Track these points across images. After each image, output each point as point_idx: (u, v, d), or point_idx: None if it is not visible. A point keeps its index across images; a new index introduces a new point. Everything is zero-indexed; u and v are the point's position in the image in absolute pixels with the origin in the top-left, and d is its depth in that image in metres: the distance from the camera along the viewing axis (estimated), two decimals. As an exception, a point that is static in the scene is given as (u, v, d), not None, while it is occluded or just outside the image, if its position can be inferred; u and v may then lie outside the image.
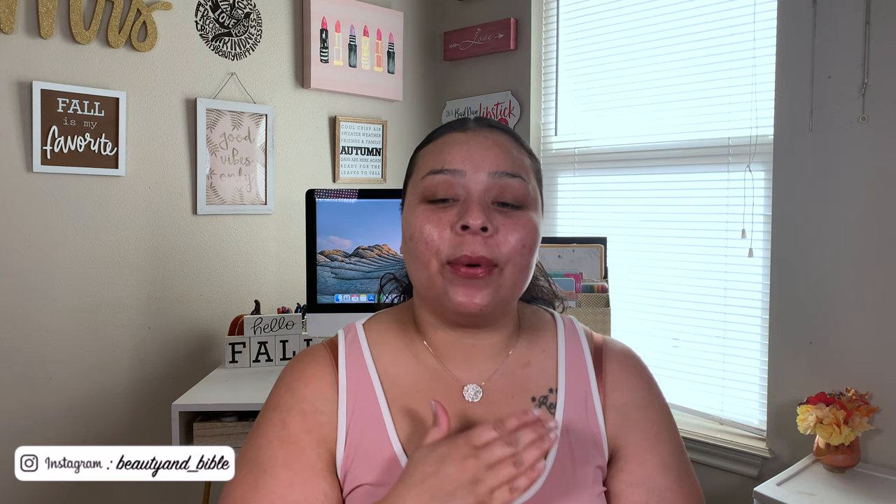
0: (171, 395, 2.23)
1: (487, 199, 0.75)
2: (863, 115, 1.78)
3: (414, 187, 0.79)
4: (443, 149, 0.78)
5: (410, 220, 0.77)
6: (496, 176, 0.76)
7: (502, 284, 0.75)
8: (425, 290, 0.77)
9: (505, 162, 0.77)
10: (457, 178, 0.76)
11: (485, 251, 0.73)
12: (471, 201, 0.74)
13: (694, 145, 2.22)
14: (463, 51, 2.84)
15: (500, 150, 0.77)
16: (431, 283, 0.75)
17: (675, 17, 2.27)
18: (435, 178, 0.76)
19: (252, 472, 0.75)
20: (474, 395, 0.79)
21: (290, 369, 0.83)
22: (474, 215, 0.72)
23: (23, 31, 1.93)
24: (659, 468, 0.79)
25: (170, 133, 2.24)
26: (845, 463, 1.70)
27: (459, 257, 0.73)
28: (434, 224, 0.74)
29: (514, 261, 0.75)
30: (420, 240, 0.75)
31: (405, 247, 0.79)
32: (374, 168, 2.79)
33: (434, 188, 0.76)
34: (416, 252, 0.75)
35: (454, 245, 0.73)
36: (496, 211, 0.75)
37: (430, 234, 0.74)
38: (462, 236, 0.73)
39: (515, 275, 0.75)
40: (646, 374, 0.86)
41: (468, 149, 0.77)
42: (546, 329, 0.86)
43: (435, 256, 0.74)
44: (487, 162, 0.76)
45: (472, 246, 0.72)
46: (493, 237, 0.73)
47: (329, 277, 1.96)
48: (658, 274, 2.32)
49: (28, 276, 1.97)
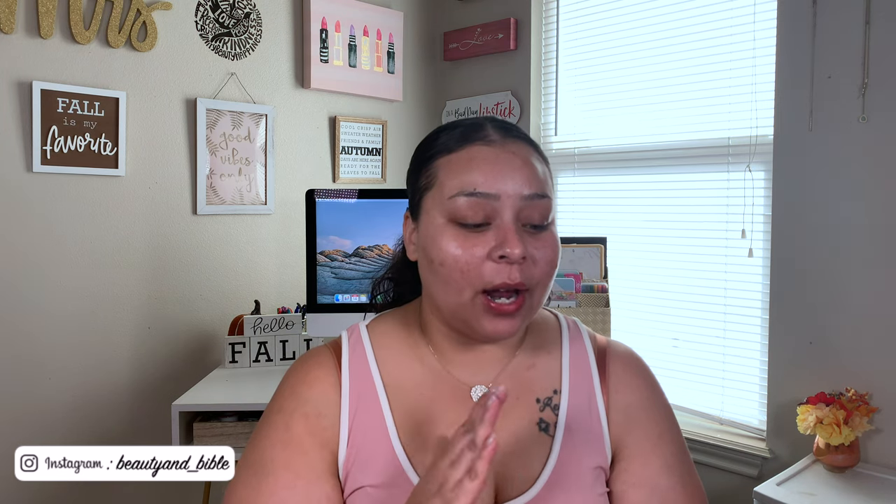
0: (171, 395, 2.23)
1: (519, 223, 0.74)
2: (863, 115, 1.78)
3: (438, 203, 0.76)
4: (470, 165, 0.75)
5: (440, 243, 0.74)
6: (528, 199, 0.74)
7: (531, 308, 0.75)
8: (452, 316, 0.76)
9: (535, 182, 0.75)
10: (490, 202, 0.73)
11: (521, 277, 0.72)
12: (507, 228, 0.72)
13: (694, 145, 2.22)
14: (463, 51, 2.84)
15: (529, 169, 0.75)
16: (461, 310, 0.74)
17: (675, 17, 2.27)
18: (466, 202, 0.73)
19: (254, 475, 0.75)
20: None
21: (294, 371, 0.83)
22: (514, 244, 0.71)
23: (23, 31, 1.93)
24: (661, 469, 0.79)
25: (170, 133, 2.24)
26: (845, 463, 1.70)
27: (498, 285, 0.71)
28: (467, 250, 0.72)
29: (543, 282, 0.75)
30: (454, 268, 0.72)
31: (431, 268, 0.75)
32: (374, 168, 2.79)
33: (465, 210, 0.73)
34: (448, 279, 0.73)
35: (491, 274, 0.72)
36: (526, 233, 0.74)
37: (467, 263, 0.72)
38: (499, 264, 0.72)
39: (542, 294, 0.76)
40: (649, 375, 0.86)
41: (499, 169, 0.74)
42: (550, 331, 0.86)
43: (469, 286, 0.72)
44: (520, 184, 0.74)
45: (511, 273, 0.71)
46: (529, 263, 0.73)
47: (329, 277, 1.96)
48: (658, 274, 2.31)
49: (28, 276, 1.97)
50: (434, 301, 0.78)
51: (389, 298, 0.93)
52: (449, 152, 0.77)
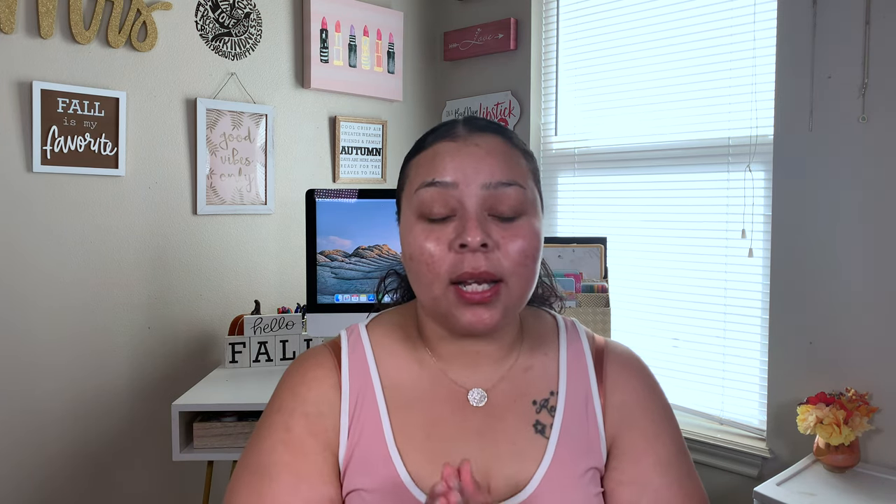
0: (171, 395, 2.23)
1: (484, 212, 0.73)
2: (863, 115, 1.78)
3: (408, 200, 0.77)
4: (433, 160, 0.75)
5: (409, 238, 0.76)
6: (491, 187, 0.73)
7: (509, 298, 0.74)
8: (431, 310, 0.76)
9: (499, 171, 0.74)
10: (450, 191, 0.73)
11: (486, 266, 0.71)
12: (467, 217, 0.72)
13: (694, 145, 2.22)
14: (463, 51, 2.84)
15: (493, 158, 0.75)
16: (437, 303, 0.74)
17: (675, 17, 2.27)
18: (427, 192, 0.74)
19: (256, 478, 0.75)
20: (479, 400, 0.79)
21: (293, 371, 0.82)
22: (472, 232, 0.71)
23: (23, 31, 1.93)
24: (655, 467, 0.78)
25: (170, 133, 2.24)
26: (845, 463, 1.70)
27: (461, 275, 0.71)
28: (433, 243, 0.73)
29: (517, 273, 0.73)
30: (421, 261, 0.73)
31: (407, 265, 0.77)
32: (374, 168, 2.79)
33: (429, 203, 0.74)
34: (419, 273, 0.74)
35: (455, 264, 0.72)
36: (494, 223, 0.73)
37: (431, 255, 0.72)
38: (462, 254, 0.71)
39: (521, 286, 0.75)
40: (647, 375, 0.86)
41: (460, 160, 0.74)
42: (548, 332, 0.86)
43: (437, 279, 0.72)
44: (481, 173, 0.73)
45: (473, 262, 0.71)
46: (493, 251, 0.72)
47: (329, 277, 1.96)
48: (658, 274, 2.32)
49: (27, 275, 1.97)
50: (419, 300, 0.79)
51: (395, 298, 0.93)
52: (419, 152, 0.79)
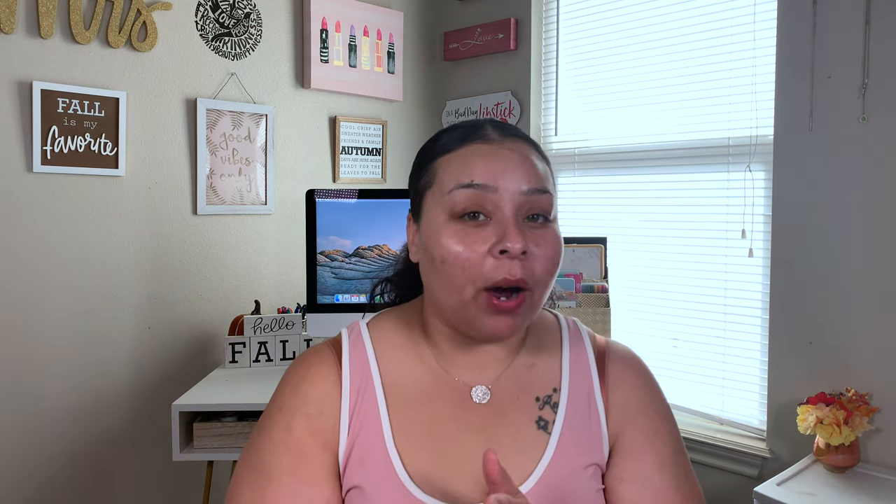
0: (171, 395, 2.23)
1: (520, 218, 0.74)
2: (863, 115, 1.78)
3: (438, 200, 0.76)
4: (468, 161, 0.75)
5: (440, 240, 0.74)
6: (528, 193, 0.73)
7: (532, 307, 0.74)
8: (454, 314, 0.76)
9: (535, 177, 0.74)
10: (488, 194, 0.73)
11: (522, 273, 0.71)
12: (507, 223, 0.72)
13: (694, 145, 2.22)
14: (463, 51, 2.84)
15: (528, 164, 0.75)
16: (463, 308, 0.73)
17: (675, 17, 2.27)
18: (463, 193, 0.73)
19: (257, 479, 0.75)
20: (482, 397, 0.79)
21: (295, 369, 0.83)
22: (514, 238, 0.70)
23: (23, 31, 1.93)
24: (655, 465, 0.79)
25: (170, 133, 2.24)
26: (845, 463, 1.70)
27: (499, 281, 0.71)
28: (468, 246, 0.72)
29: (544, 281, 0.74)
30: (455, 264, 0.72)
31: (432, 267, 0.75)
32: (374, 168, 2.79)
33: (464, 204, 0.73)
34: (450, 276, 0.73)
35: (492, 269, 0.71)
36: (528, 229, 0.74)
37: (467, 259, 0.71)
38: (499, 259, 0.71)
39: (542, 294, 0.75)
40: (648, 375, 0.86)
41: (496, 162, 0.74)
42: (551, 332, 0.87)
43: (471, 283, 0.72)
44: (519, 178, 0.74)
45: (512, 269, 0.71)
46: (529, 259, 0.72)
47: (329, 277, 1.96)
48: (658, 274, 2.32)
49: (28, 276, 1.97)
50: (436, 301, 0.78)
51: (389, 300, 0.93)
52: (449, 151, 0.78)
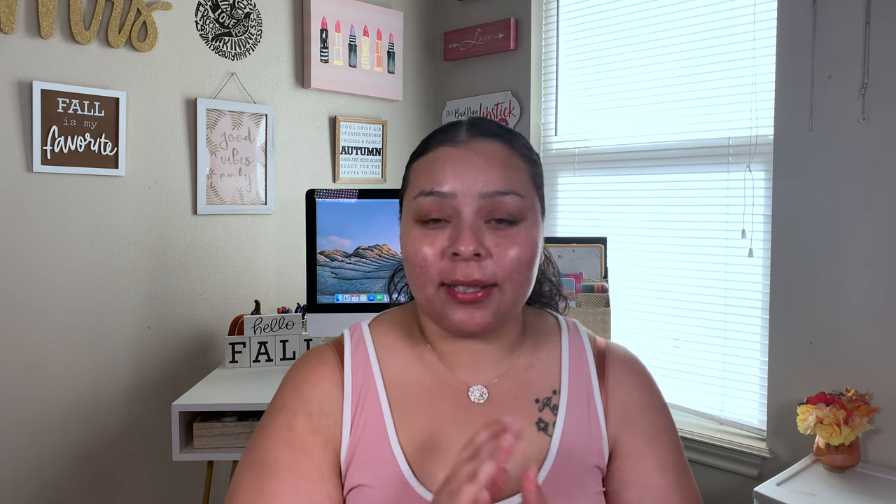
0: (171, 396, 2.23)
1: (480, 220, 0.74)
2: (863, 115, 1.78)
3: (408, 204, 0.79)
4: (433, 167, 0.76)
5: (406, 241, 0.78)
6: (488, 196, 0.74)
7: (502, 301, 0.75)
8: (428, 311, 0.78)
9: (497, 180, 0.75)
10: (447, 200, 0.74)
11: (479, 274, 0.72)
12: (462, 226, 0.73)
13: (694, 145, 2.22)
14: (463, 51, 2.84)
15: (491, 166, 0.75)
16: (430, 304, 0.76)
17: (675, 17, 2.27)
18: (425, 201, 0.75)
19: (258, 476, 0.76)
20: (479, 397, 0.80)
21: (296, 370, 0.83)
22: (465, 241, 0.72)
23: (23, 31, 1.93)
24: (656, 468, 0.79)
25: (170, 133, 2.24)
26: (845, 463, 1.71)
27: (453, 281, 0.73)
28: (427, 247, 0.74)
29: (512, 279, 0.74)
30: (415, 263, 0.75)
31: (405, 267, 0.80)
32: (374, 168, 2.79)
33: (426, 211, 0.75)
34: (413, 274, 0.76)
35: (447, 270, 0.73)
36: (489, 230, 0.74)
37: (424, 259, 0.74)
38: (455, 262, 0.73)
39: (515, 290, 0.75)
40: (647, 377, 0.86)
41: (459, 168, 0.75)
42: (550, 332, 0.87)
43: (430, 281, 0.74)
44: (479, 182, 0.74)
45: (466, 270, 0.72)
46: (486, 259, 0.73)
47: (329, 277, 1.96)
48: (658, 274, 2.32)
49: (28, 275, 1.97)
50: (416, 299, 0.80)
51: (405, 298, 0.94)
52: (420, 156, 0.80)
